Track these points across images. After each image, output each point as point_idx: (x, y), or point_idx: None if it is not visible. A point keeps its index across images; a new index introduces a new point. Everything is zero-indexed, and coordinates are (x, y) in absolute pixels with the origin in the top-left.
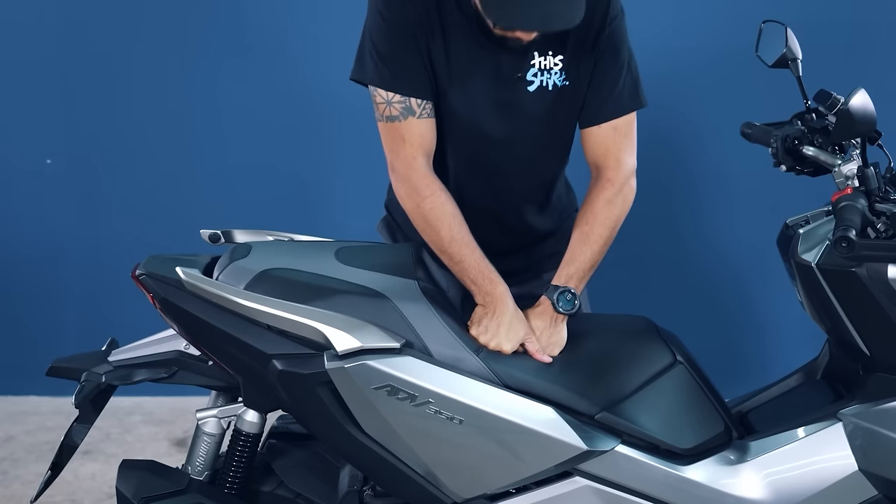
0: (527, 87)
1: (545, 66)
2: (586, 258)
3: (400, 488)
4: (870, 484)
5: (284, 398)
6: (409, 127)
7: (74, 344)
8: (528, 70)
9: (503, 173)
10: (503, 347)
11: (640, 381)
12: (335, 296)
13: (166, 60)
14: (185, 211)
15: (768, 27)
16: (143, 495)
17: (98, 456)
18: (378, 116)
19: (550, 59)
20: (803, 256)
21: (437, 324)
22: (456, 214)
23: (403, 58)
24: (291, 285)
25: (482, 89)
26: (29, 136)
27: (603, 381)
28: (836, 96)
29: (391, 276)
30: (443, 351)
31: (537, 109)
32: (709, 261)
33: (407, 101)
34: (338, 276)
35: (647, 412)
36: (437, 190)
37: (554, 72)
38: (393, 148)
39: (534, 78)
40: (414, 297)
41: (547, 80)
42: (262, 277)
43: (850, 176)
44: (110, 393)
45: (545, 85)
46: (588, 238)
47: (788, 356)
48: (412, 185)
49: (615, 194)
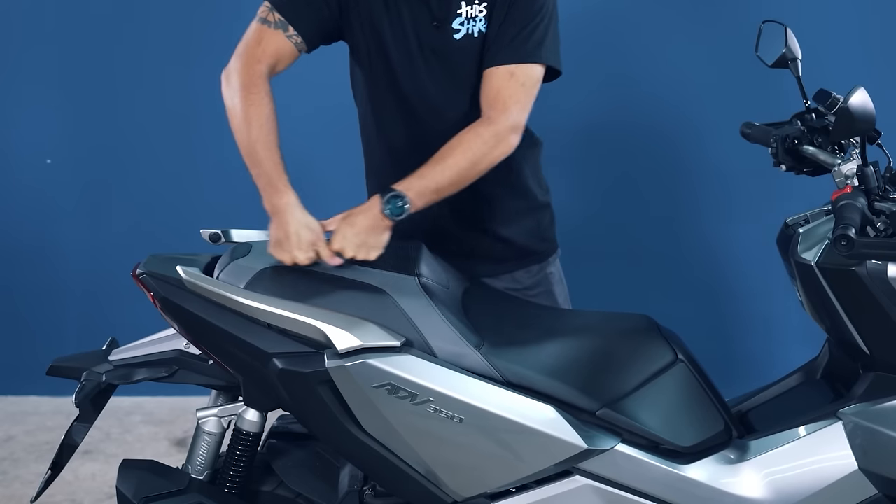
0: (453, 35)
1: (471, 14)
2: (434, 178)
3: (400, 487)
4: (870, 483)
5: (285, 397)
6: (273, 37)
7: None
8: (454, 18)
9: (438, 132)
10: (297, 258)
11: (641, 379)
12: (335, 293)
13: (166, 60)
14: (185, 210)
15: (768, 27)
16: (143, 495)
17: (98, 456)
18: (255, 18)
19: (476, 7)
20: (803, 255)
21: (437, 320)
22: (270, 119)
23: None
24: (291, 283)
25: (411, 37)
26: (29, 136)
27: (604, 378)
28: (835, 96)
29: (391, 272)
30: (444, 347)
31: (465, 59)
32: (708, 260)
33: (285, 22)
34: (337, 274)
35: (647, 410)
36: (264, 94)
37: (479, 19)
38: (246, 46)
39: (460, 27)
40: (414, 293)
41: (472, 27)
42: (262, 276)
43: (849, 175)
44: (110, 392)
45: (471, 33)
46: (443, 160)
47: (788, 355)
48: (243, 82)
49: (490, 134)
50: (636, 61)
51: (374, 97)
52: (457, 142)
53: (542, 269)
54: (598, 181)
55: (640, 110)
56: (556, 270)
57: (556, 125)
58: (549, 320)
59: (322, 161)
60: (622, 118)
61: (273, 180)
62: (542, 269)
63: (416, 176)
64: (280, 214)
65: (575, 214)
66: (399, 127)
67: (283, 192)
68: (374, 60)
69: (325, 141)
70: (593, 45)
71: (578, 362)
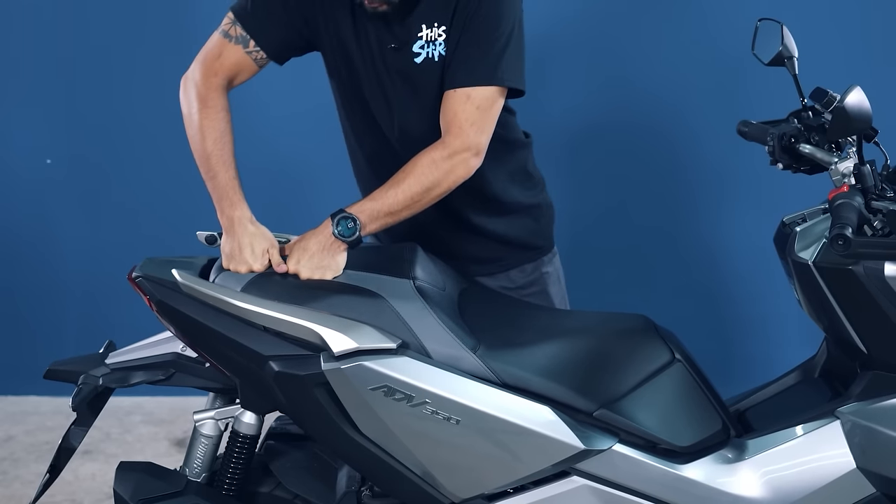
0: (414, 59)
1: (431, 37)
2: (386, 201)
3: (397, 489)
4: (868, 482)
5: (281, 399)
6: (233, 52)
7: (74, 344)
8: (414, 42)
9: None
10: (252, 266)
11: (639, 379)
12: (331, 296)
13: (166, 60)
14: (182, 213)
15: (764, 25)
16: (140, 497)
17: (98, 456)
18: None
19: (435, 31)
20: (800, 254)
21: (433, 322)
22: (226, 133)
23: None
24: (288, 286)
25: (377, 57)
26: (29, 136)
27: (601, 378)
28: (832, 94)
29: (386, 276)
30: (440, 350)
31: (427, 82)
32: (705, 259)
33: (247, 37)
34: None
35: (645, 410)
36: (219, 108)
37: (438, 42)
38: (206, 57)
39: (420, 50)
40: (409, 296)
41: (432, 51)
42: (258, 279)
43: (846, 173)
44: (108, 395)
45: (431, 56)
46: (397, 185)
47: (786, 354)
48: (200, 93)
49: (444, 158)
50: (633, 61)
51: (346, 107)
52: (411, 166)
53: (536, 268)
54: (595, 181)
55: (638, 110)
56: (554, 270)
57: (554, 125)
58: (545, 321)
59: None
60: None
61: (228, 194)
62: (536, 268)
63: (369, 198)
64: (233, 226)
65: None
66: (371, 138)
67: (237, 204)
68: (342, 75)
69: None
70: (591, 45)
71: (575, 363)
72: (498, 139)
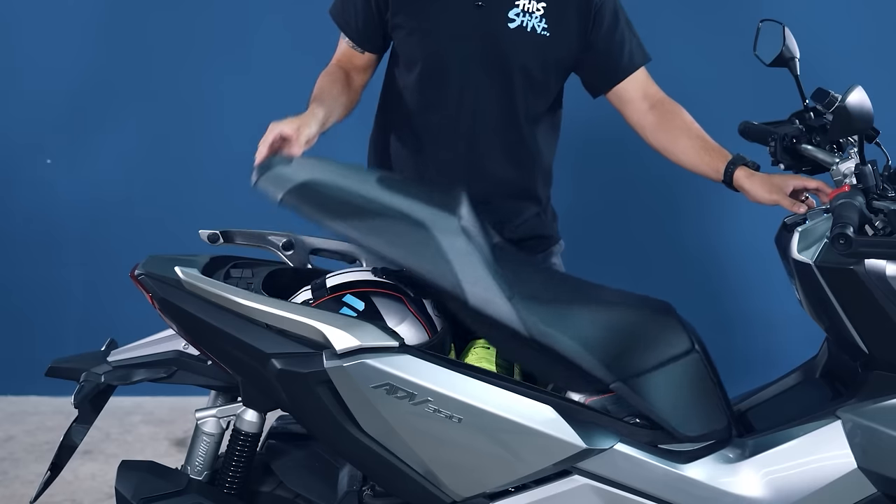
0: (507, 24)
1: (528, 8)
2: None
3: (399, 487)
4: (869, 482)
5: (283, 397)
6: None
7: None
8: (511, 8)
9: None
10: (282, 128)
11: (657, 361)
12: (375, 219)
13: (167, 59)
14: (184, 211)
15: (766, 26)
16: (142, 496)
17: (98, 456)
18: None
19: (534, 3)
20: (801, 254)
21: (474, 263)
22: (324, 87)
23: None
24: (331, 201)
25: (464, 16)
26: (29, 136)
27: (623, 353)
28: (833, 94)
29: (434, 208)
30: (475, 292)
31: (515, 49)
32: (706, 259)
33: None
34: (380, 200)
35: (659, 391)
36: (329, 72)
37: (535, 16)
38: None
39: (515, 17)
40: (454, 232)
41: (527, 21)
42: (303, 188)
43: (847, 174)
44: (109, 393)
45: (525, 26)
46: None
47: (787, 355)
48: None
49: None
50: None
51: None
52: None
53: (546, 258)
54: (597, 181)
55: None
56: (559, 263)
57: None
58: (575, 288)
59: None
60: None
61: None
62: (546, 258)
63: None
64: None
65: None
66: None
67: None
68: (413, 41)
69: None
70: None
71: (601, 333)
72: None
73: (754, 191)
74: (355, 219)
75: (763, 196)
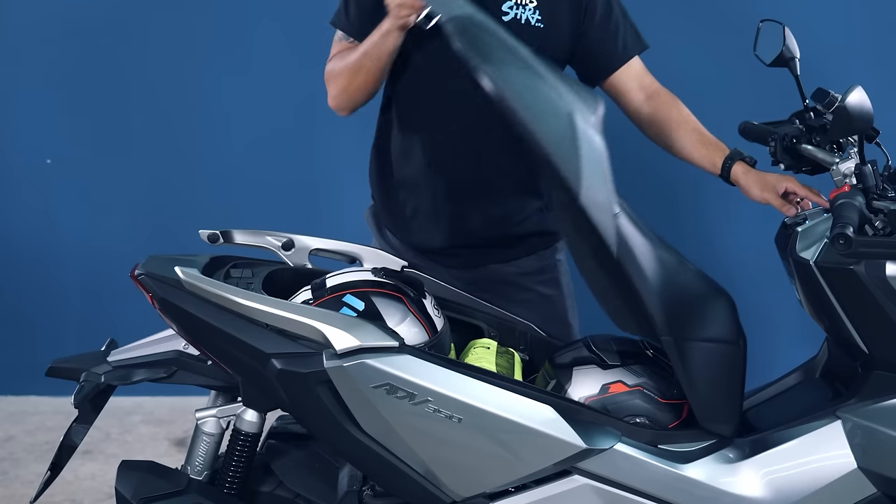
0: (501, 17)
1: (522, 0)
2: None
3: (399, 487)
4: (869, 482)
5: (283, 397)
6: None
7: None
8: (505, 0)
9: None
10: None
11: (708, 336)
12: (524, 78)
13: (167, 60)
14: (184, 211)
15: (766, 26)
16: (142, 496)
17: (98, 456)
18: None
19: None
20: (801, 254)
21: (601, 163)
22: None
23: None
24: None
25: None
26: (29, 136)
27: (685, 313)
28: (833, 94)
29: (581, 98)
30: (590, 190)
31: None
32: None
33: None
34: (533, 65)
35: (697, 363)
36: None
37: (529, 8)
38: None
39: (509, 10)
40: (594, 126)
41: (521, 13)
42: (466, 21)
43: (847, 174)
44: (109, 393)
45: (519, 18)
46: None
47: (787, 355)
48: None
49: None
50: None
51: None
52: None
53: (551, 254)
54: None
55: None
56: (563, 261)
57: None
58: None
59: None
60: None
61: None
62: (551, 254)
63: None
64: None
65: None
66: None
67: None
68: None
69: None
70: None
71: (676, 287)
72: None
73: (748, 187)
74: (505, 69)
75: (755, 193)
